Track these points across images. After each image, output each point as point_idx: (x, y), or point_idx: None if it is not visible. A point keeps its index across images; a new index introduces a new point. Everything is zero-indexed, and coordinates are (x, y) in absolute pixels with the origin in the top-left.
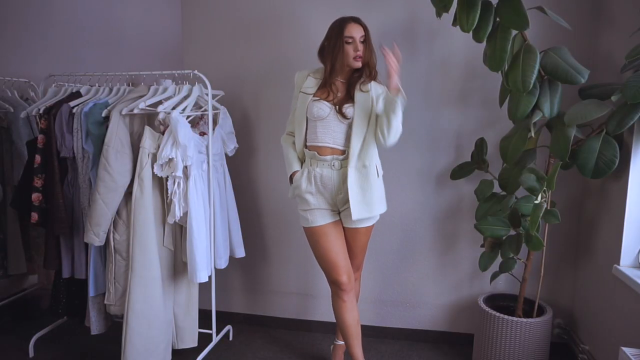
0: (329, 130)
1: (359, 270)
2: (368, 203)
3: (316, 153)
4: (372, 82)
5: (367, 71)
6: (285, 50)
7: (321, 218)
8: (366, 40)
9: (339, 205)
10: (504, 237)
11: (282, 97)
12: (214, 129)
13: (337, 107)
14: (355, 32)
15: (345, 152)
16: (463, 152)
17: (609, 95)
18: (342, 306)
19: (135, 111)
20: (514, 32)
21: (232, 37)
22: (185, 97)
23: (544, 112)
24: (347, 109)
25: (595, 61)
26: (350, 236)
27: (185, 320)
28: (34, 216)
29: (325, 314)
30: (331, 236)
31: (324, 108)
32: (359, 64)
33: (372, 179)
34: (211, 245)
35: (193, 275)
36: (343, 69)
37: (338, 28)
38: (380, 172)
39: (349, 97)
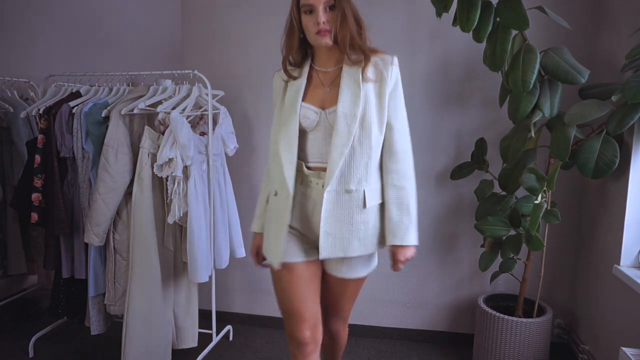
0: (317, 143)
1: (346, 323)
2: (343, 240)
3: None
4: (372, 62)
5: (348, 51)
6: None
7: (296, 253)
8: (337, 6)
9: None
10: (504, 237)
11: None
12: (214, 129)
13: (325, 112)
14: None
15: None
16: (463, 152)
17: (609, 95)
18: None
19: (135, 111)
20: (514, 32)
21: (232, 37)
22: (185, 97)
23: (544, 112)
24: (331, 113)
25: (595, 61)
26: (336, 285)
27: (185, 320)
28: (34, 216)
29: None
30: (303, 277)
31: (310, 115)
32: (326, 41)
33: (355, 209)
34: (211, 245)
35: (193, 275)
36: (312, 51)
37: None
38: (373, 202)
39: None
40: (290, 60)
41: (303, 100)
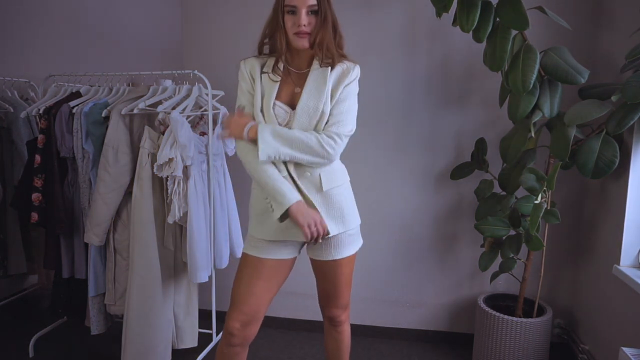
0: None
1: (347, 310)
2: (336, 216)
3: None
4: (338, 67)
5: (322, 55)
6: None
7: (277, 250)
8: (320, 11)
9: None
10: (503, 237)
11: None
12: (214, 129)
13: (294, 111)
14: None
15: None
16: (463, 152)
17: (609, 95)
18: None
19: (135, 111)
20: (514, 32)
21: (232, 37)
22: (185, 97)
23: (544, 112)
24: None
25: (595, 61)
26: (331, 271)
27: (185, 320)
28: (34, 216)
29: None
30: (266, 274)
31: (281, 113)
32: (303, 43)
33: (314, 192)
34: (211, 245)
35: (193, 275)
36: (288, 51)
37: None
38: (332, 185)
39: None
40: (265, 49)
41: (276, 98)
